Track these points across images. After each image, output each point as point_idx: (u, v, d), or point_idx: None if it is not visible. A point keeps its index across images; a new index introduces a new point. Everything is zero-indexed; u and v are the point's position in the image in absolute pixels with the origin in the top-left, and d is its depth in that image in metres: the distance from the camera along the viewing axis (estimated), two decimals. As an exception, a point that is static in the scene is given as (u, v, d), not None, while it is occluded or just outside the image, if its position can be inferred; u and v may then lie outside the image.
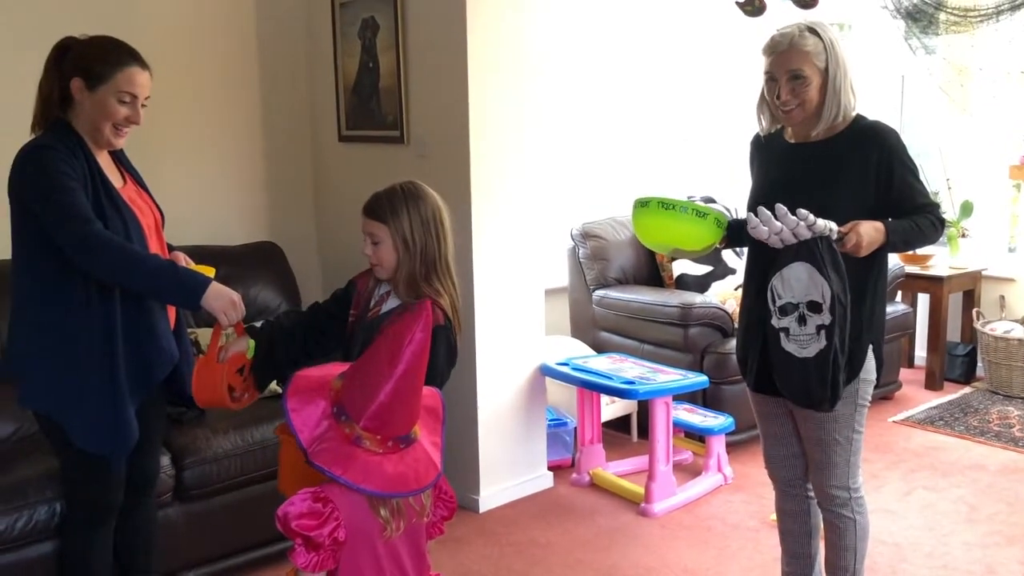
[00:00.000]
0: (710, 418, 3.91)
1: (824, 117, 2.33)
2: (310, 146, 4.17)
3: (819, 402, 2.31)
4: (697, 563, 3.16)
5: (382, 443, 1.68)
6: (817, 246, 2.20)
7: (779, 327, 2.30)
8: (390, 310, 2.19)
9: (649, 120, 5.16)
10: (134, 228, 2.30)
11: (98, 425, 2.27)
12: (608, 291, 4.54)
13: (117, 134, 2.30)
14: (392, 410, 1.68)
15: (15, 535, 2.53)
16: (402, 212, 2.16)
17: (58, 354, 2.26)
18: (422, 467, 1.72)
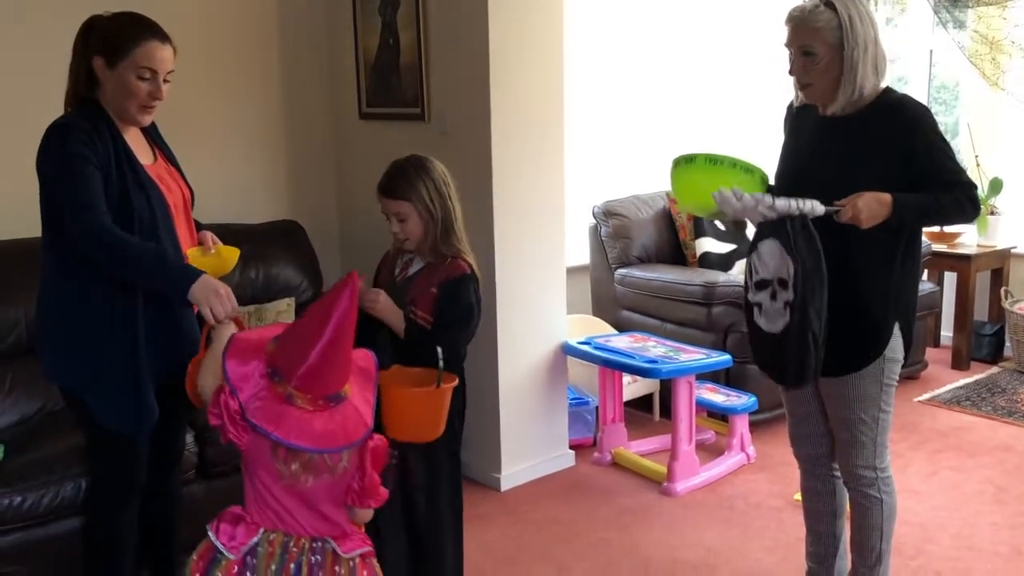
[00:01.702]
0: (733, 397, 3.88)
1: (839, 97, 2.28)
2: (331, 124, 4.16)
3: (785, 377, 2.35)
4: (720, 542, 3.15)
5: (312, 401, 1.76)
6: (784, 224, 2.21)
7: (753, 301, 2.36)
8: (418, 271, 2.40)
9: (674, 96, 5.09)
10: (159, 206, 2.29)
11: (119, 403, 2.28)
12: (630, 270, 4.50)
13: (143, 111, 2.29)
14: (322, 371, 1.76)
15: (41, 511, 2.56)
16: (420, 186, 2.34)
17: (79, 331, 2.27)
18: (351, 424, 1.80)
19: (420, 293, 2.37)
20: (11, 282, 2.97)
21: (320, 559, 1.87)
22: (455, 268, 2.37)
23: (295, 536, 1.86)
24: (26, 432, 2.85)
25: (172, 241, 2.32)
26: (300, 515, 1.86)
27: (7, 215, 2.96)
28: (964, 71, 5.30)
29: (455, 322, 2.34)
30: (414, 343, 2.33)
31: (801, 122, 2.48)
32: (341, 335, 1.76)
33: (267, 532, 1.86)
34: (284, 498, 1.85)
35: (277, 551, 1.85)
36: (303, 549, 1.86)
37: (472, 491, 3.35)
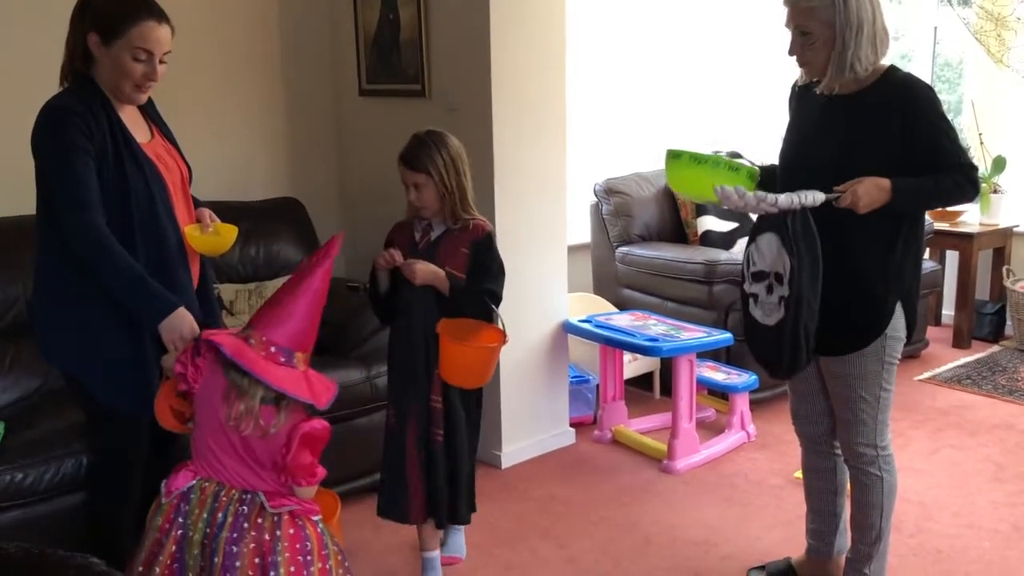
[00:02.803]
0: (734, 375, 3.88)
1: (829, 75, 2.27)
2: (331, 101, 4.13)
3: (776, 369, 2.37)
4: (720, 520, 3.16)
5: (264, 346, 1.96)
6: (784, 220, 2.21)
7: (749, 292, 2.38)
8: (440, 235, 2.63)
9: (676, 73, 5.06)
10: (156, 185, 2.27)
11: (121, 381, 2.27)
12: (632, 248, 4.49)
13: (138, 90, 2.26)
14: (279, 314, 1.99)
15: (43, 487, 2.56)
16: (437, 159, 2.57)
17: (77, 312, 2.26)
18: (291, 382, 1.97)
19: (450, 255, 2.61)
20: (10, 259, 2.96)
21: (247, 510, 2.01)
22: (480, 229, 2.64)
23: (227, 486, 2.02)
24: (27, 409, 2.85)
25: (170, 219, 2.31)
26: (231, 467, 2.03)
27: (5, 192, 2.94)
28: (969, 48, 5.26)
29: (495, 273, 2.64)
30: (456, 299, 2.57)
31: (805, 102, 2.46)
32: (317, 296, 2.02)
33: (202, 480, 2.03)
34: (218, 450, 2.02)
35: (208, 499, 2.02)
36: (232, 499, 2.01)
37: (473, 468, 3.37)
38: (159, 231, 2.27)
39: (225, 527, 1.99)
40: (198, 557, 2.01)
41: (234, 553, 1.97)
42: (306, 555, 2.02)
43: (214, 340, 1.97)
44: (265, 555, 1.98)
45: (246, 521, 2.00)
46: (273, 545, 1.99)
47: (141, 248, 2.24)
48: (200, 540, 2.00)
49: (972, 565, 2.84)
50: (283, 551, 1.99)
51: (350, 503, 3.17)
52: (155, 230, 2.27)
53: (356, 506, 3.16)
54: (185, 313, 2.18)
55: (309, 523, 2.06)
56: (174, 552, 2.01)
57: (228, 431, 2.00)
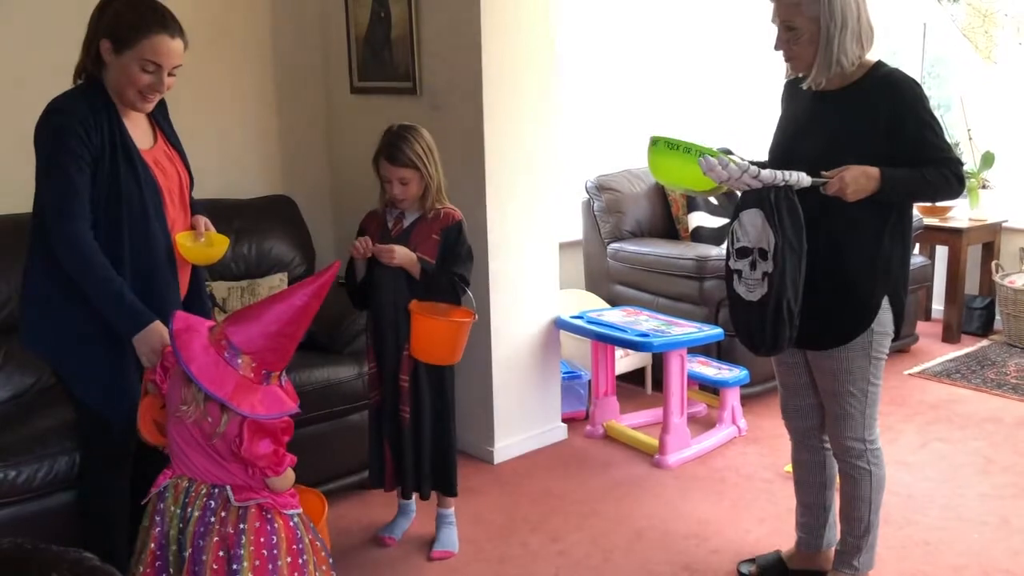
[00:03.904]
0: (724, 370, 3.90)
1: (815, 69, 2.28)
2: (323, 99, 4.13)
3: (759, 345, 2.37)
4: (711, 513, 3.18)
5: (218, 336, 1.97)
6: (768, 195, 2.23)
7: (733, 268, 2.39)
8: (412, 223, 2.75)
9: (667, 69, 5.08)
10: (150, 192, 2.28)
11: (96, 385, 2.30)
12: (623, 244, 4.51)
13: (143, 99, 2.26)
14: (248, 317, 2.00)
15: (36, 484, 2.56)
16: (421, 152, 2.67)
17: (62, 312, 2.27)
18: (230, 385, 1.94)
19: (422, 240, 2.73)
20: (4, 257, 2.97)
21: (214, 504, 2.04)
22: (450, 216, 2.76)
23: (197, 482, 2.06)
24: (20, 407, 2.85)
25: (161, 227, 2.31)
26: (198, 461, 2.05)
27: (3, 190, 2.95)
28: (957, 44, 5.28)
29: (464, 258, 2.76)
30: (427, 282, 2.70)
31: (794, 97, 2.48)
32: (277, 303, 2.00)
33: (177, 478, 2.07)
34: (184, 445, 2.06)
35: (181, 495, 2.05)
36: (200, 494, 2.04)
37: (465, 464, 3.38)
38: (149, 238, 2.28)
39: (192, 521, 2.02)
40: (176, 552, 2.04)
41: (201, 547, 2.00)
42: (271, 549, 2.02)
43: (176, 316, 1.99)
44: (229, 548, 2.00)
45: (212, 515, 2.02)
46: (237, 538, 2.00)
47: (129, 255, 2.25)
48: (176, 536, 2.04)
49: (960, 557, 2.86)
50: (247, 544, 2.00)
51: (345, 498, 3.19)
52: (145, 237, 2.28)
53: (350, 500, 3.18)
54: (160, 328, 2.19)
55: (279, 516, 2.06)
56: (154, 550, 2.05)
57: (188, 424, 2.01)
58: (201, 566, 1.99)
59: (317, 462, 2.98)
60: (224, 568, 1.99)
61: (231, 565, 1.99)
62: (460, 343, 2.67)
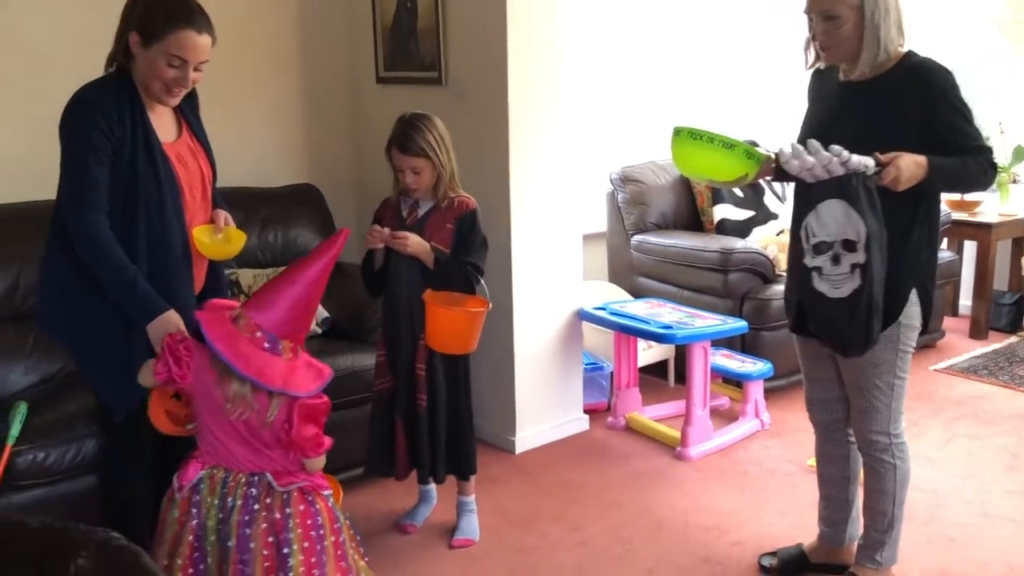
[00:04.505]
0: (748, 364, 3.88)
1: (863, 58, 2.26)
2: (348, 88, 4.15)
3: (850, 345, 2.28)
4: (732, 506, 3.17)
5: (251, 328, 1.96)
6: (851, 183, 2.15)
7: (812, 266, 2.28)
8: (427, 212, 2.75)
9: (694, 60, 5.04)
10: (168, 186, 2.30)
11: (111, 375, 2.32)
12: (647, 236, 4.50)
13: (168, 93, 2.28)
14: (272, 299, 1.98)
15: (64, 467, 2.61)
16: (433, 140, 2.66)
17: (78, 299, 2.30)
18: (274, 372, 1.95)
19: (437, 230, 2.73)
20: (33, 245, 3.00)
21: (256, 492, 2.04)
22: (464, 205, 2.76)
23: (235, 471, 2.04)
24: (48, 391, 2.90)
25: (178, 222, 2.33)
26: (237, 451, 2.05)
27: (30, 178, 2.98)
28: (989, 35, 5.21)
29: (478, 247, 2.76)
30: (441, 271, 2.69)
31: (822, 88, 2.46)
32: (297, 282, 2.00)
33: (211, 468, 2.06)
34: (224, 436, 2.04)
35: (218, 486, 2.05)
36: (240, 483, 2.04)
37: (486, 453, 3.39)
38: (165, 232, 2.30)
39: (236, 511, 2.02)
40: (215, 543, 2.04)
41: (247, 535, 2.01)
42: (318, 529, 2.06)
43: (201, 321, 1.96)
44: (278, 533, 2.02)
45: (256, 503, 2.03)
46: (285, 522, 2.02)
47: (144, 248, 2.27)
48: (215, 527, 2.04)
49: (985, 553, 2.83)
50: (295, 527, 2.02)
51: (366, 485, 3.21)
52: (161, 231, 2.30)
53: (371, 488, 3.20)
54: (172, 316, 2.22)
55: (319, 498, 2.09)
56: (192, 542, 2.05)
57: (229, 415, 2.01)
58: (250, 554, 2.00)
59: (338, 449, 2.98)
60: (274, 553, 2.01)
61: (281, 550, 2.01)
62: (475, 333, 2.67)
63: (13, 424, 2.56)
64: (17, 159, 3.17)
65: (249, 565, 2.00)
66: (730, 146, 2.29)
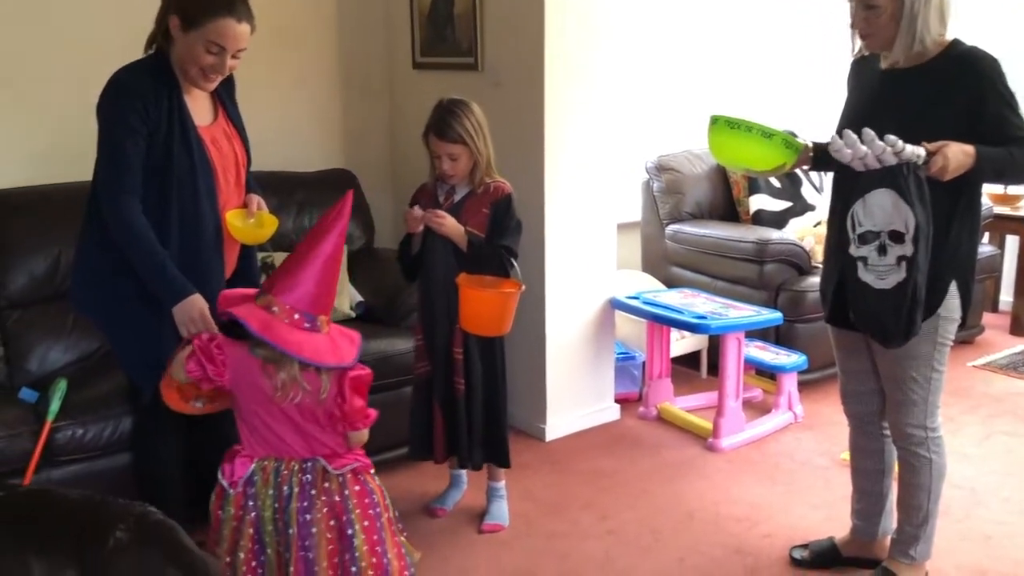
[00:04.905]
0: (782, 356, 3.85)
1: (897, 47, 2.22)
2: (385, 74, 4.16)
3: (892, 336, 2.25)
4: (764, 498, 3.15)
5: (288, 313, 1.94)
6: (902, 172, 2.11)
7: (857, 256, 2.24)
8: (463, 197, 2.76)
9: (732, 47, 4.99)
10: (202, 170, 2.32)
11: (139, 355, 2.36)
12: (682, 225, 4.46)
13: (205, 78, 2.30)
14: (299, 280, 1.96)
15: (102, 443, 2.66)
16: (469, 128, 2.66)
17: (110, 284, 2.34)
18: (322, 348, 1.97)
19: (473, 215, 2.74)
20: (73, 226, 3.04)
21: (311, 478, 2.04)
22: (500, 190, 2.76)
23: (286, 460, 2.05)
24: (87, 369, 2.95)
25: (211, 206, 2.35)
26: (289, 438, 2.05)
27: (70, 159, 3.02)
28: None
29: (512, 231, 2.76)
30: (475, 254, 2.71)
31: (863, 76, 2.42)
32: (318, 255, 1.98)
33: (260, 461, 2.06)
34: (274, 424, 2.04)
35: (271, 477, 2.05)
36: (293, 471, 2.04)
37: (516, 440, 3.39)
38: (198, 215, 2.33)
39: (293, 498, 2.03)
40: (272, 533, 2.06)
41: (308, 521, 2.02)
42: (375, 507, 2.08)
43: (240, 318, 1.94)
44: (339, 516, 2.03)
45: (312, 488, 2.04)
46: (345, 504, 2.04)
47: (176, 231, 2.30)
48: (271, 517, 2.05)
49: (1022, 551, 2.79)
50: (355, 508, 2.05)
51: (397, 469, 3.23)
52: (193, 215, 2.32)
53: (403, 471, 3.22)
54: (198, 300, 2.24)
55: (369, 477, 2.11)
56: (252, 534, 2.06)
57: (280, 403, 2.02)
58: (312, 539, 2.02)
59: (371, 432, 3.01)
60: (336, 536, 2.03)
61: (344, 532, 2.03)
62: (508, 315, 2.68)
63: (53, 401, 2.61)
64: (57, 140, 3.22)
65: (311, 551, 2.02)
66: (768, 135, 2.27)
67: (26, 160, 3.25)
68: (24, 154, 3.25)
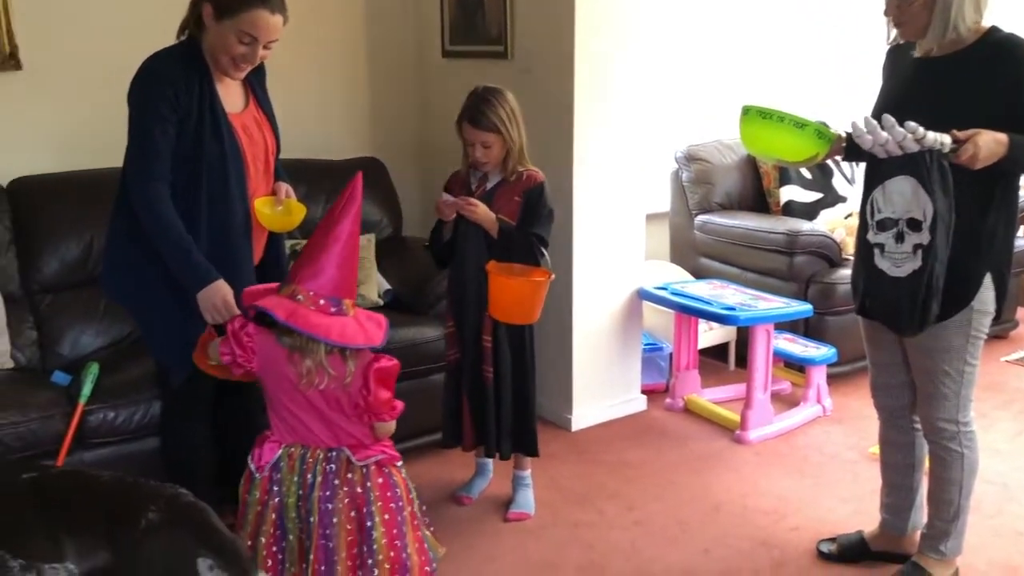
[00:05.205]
0: (811, 348, 3.82)
1: (929, 35, 2.19)
2: (414, 62, 4.16)
3: (906, 325, 2.24)
4: (791, 491, 3.13)
5: (314, 300, 1.96)
6: (924, 160, 2.09)
7: (874, 242, 2.23)
8: (496, 185, 2.77)
9: (764, 35, 4.93)
10: (233, 158, 2.33)
11: (166, 340, 2.38)
12: (711, 216, 4.43)
13: (235, 67, 2.31)
14: (321, 266, 1.98)
15: (132, 427, 2.69)
16: (504, 116, 2.67)
17: (138, 270, 2.35)
18: (349, 331, 1.98)
19: (505, 203, 2.75)
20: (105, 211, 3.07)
21: (335, 468, 2.06)
22: (533, 178, 2.77)
23: (312, 448, 2.07)
24: (118, 353, 2.98)
25: (240, 193, 2.36)
26: (315, 427, 2.08)
27: (103, 145, 3.05)
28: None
29: (544, 219, 2.76)
30: (505, 241, 2.71)
31: (898, 64, 2.39)
32: (336, 240, 2.00)
33: (287, 447, 2.09)
34: (300, 412, 2.06)
35: (296, 464, 2.07)
36: (318, 459, 2.06)
37: (542, 430, 3.37)
38: (227, 203, 2.34)
39: (316, 487, 2.05)
40: (295, 520, 2.08)
41: (329, 510, 2.04)
42: (397, 501, 2.09)
43: (266, 308, 1.96)
44: (360, 507, 2.05)
45: (336, 478, 2.05)
46: (366, 496, 2.05)
47: (205, 218, 2.31)
48: (295, 503, 2.07)
49: (1055, 549, 2.76)
50: (376, 500, 2.05)
51: (424, 456, 3.24)
52: (223, 202, 2.33)
53: (429, 458, 3.23)
54: (222, 286, 2.25)
55: (395, 470, 2.11)
56: (275, 520, 2.09)
57: (305, 391, 2.04)
58: (332, 528, 2.03)
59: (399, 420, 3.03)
60: (356, 527, 2.04)
61: (364, 523, 2.04)
62: (537, 303, 2.69)
63: (85, 384, 2.64)
64: (90, 126, 3.25)
65: (332, 540, 2.03)
66: (801, 125, 2.24)
67: (59, 146, 3.28)
68: (57, 141, 3.29)
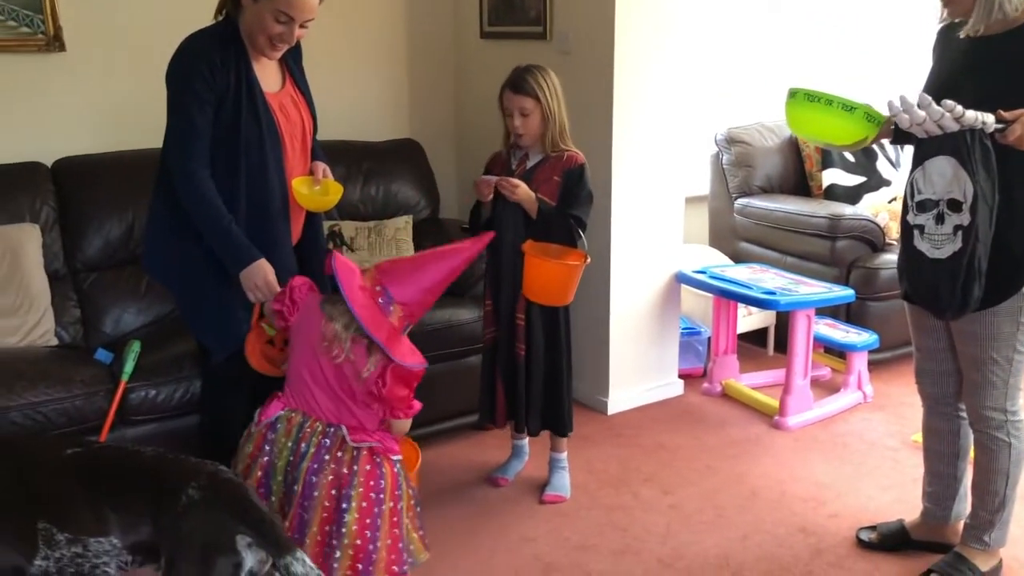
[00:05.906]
0: (853, 334, 3.76)
1: (975, 15, 2.13)
2: (452, 44, 4.14)
3: (946, 308, 2.20)
4: (831, 478, 3.09)
5: (374, 280, 2.03)
6: (965, 140, 2.04)
7: (914, 223, 2.19)
8: (536, 164, 2.77)
9: (805, 18, 4.85)
10: (270, 137, 2.33)
11: (206, 318, 2.39)
12: (752, 199, 4.38)
13: (272, 47, 2.31)
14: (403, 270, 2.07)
15: (173, 404, 2.72)
16: (544, 86, 2.69)
17: (179, 248, 2.37)
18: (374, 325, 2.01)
19: (544, 181, 2.74)
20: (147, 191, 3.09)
21: (329, 443, 2.07)
22: (573, 159, 2.76)
23: (312, 418, 2.08)
24: (160, 331, 3.02)
25: (278, 173, 2.37)
26: (322, 400, 2.09)
27: (145, 125, 3.07)
28: None
29: (583, 201, 2.75)
30: (544, 222, 2.70)
31: (948, 45, 2.33)
32: (439, 262, 2.09)
33: (290, 410, 2.11)
34: (312, 381, 2.08)
35: (294, 429, 2.09)
36: (316, 431, 2.08)
37: (578, 413, 3.37)
38: (265, 183, 2.34)
39: (307, 457, 2.06)
40: (281, 483, 2.10)
41: (313, 483, 2.05)
42: (378, 493, 2.08)
43: (335, 258, 2.03)
44: (341, 487, 2.05)
45: (327, 453, 2.06)
46: (350, 479, 2.05)
47: (243, 197, 2.32)
48: (283, 467, 2.09)
49: (1103, 542, 2.69)
50: (357, 485, 2.05)
51: (460, 437, 3.25)
52: (261, 182, 2.34)
53: (465, 440, 3.24)
54: (263, 265, 2.27)
55: (387, 462, 2.11)
56: (260, 477, 2.11)
57: (322, 362, 2.05)
58: (311, 501, 2.05)
59: (435, 401, 3.01)
60: (333, 506, 2.05)
61: (340, 504, 2.04)
62: (571, 286, 2.68)
63: (127, 362, 2.68)
64: (133, 107, 3.29)
65: (308, 512, 2.05)
66: (850, 108, 2.19)
67: (102, 127, 3.32)
68: (100, 121, 3.33)
